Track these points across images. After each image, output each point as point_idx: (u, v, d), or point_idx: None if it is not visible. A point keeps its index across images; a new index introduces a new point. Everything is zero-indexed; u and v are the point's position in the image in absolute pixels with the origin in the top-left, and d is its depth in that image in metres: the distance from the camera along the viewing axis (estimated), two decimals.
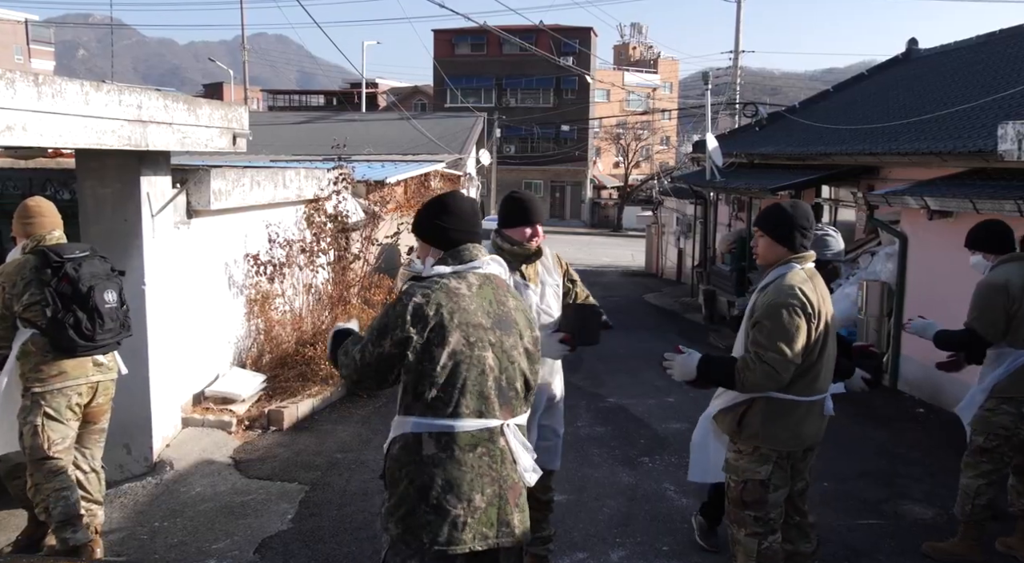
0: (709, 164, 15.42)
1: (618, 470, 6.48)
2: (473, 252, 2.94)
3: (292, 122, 32.31)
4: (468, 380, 2.76)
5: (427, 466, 2.74)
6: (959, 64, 13.78)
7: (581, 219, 55.41)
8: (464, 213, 2.99)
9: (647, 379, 9.72)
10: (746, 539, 3.82)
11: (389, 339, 2.75)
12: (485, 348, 2.80)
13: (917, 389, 9.04)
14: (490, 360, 2.81)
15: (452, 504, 2.73)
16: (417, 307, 2.75)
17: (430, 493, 2.73)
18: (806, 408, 3.73)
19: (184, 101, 5.96)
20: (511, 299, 2.97)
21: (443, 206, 3.01)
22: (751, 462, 3.78)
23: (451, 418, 2.75)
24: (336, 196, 9.74)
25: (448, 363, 2.74)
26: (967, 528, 4.76)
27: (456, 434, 2.75)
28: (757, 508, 3.78)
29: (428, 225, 3.01)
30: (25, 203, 4.64)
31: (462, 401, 2.75)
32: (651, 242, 28.52)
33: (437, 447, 2.75)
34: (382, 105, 58.23)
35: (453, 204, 3.01)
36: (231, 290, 7.88)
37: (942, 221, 8.38)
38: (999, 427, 4.57)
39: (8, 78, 4.21)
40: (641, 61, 77.50)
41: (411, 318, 2.73)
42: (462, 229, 2.96)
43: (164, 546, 4.96)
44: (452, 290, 2.80)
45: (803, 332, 3.58)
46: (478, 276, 2.90)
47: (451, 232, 2.95)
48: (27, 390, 4.36)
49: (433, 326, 2.73)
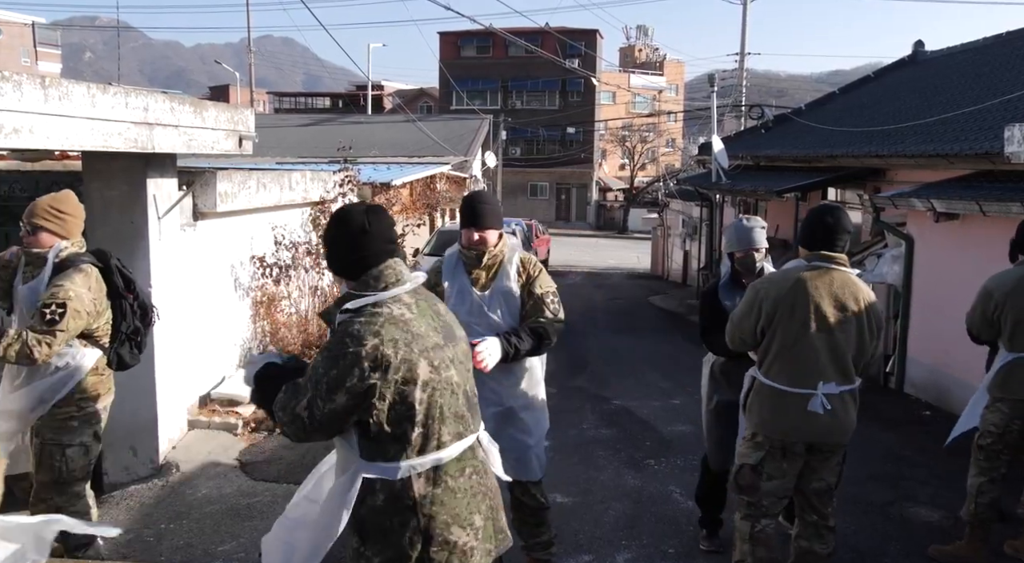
0: (715, 166, 15.41)
1: (623, 472, 6.47)
2: (398, 269, 2.63)
3: (298, 124, 32.38)
4: (444, 406, 2.56)
5: (424, 507, 2.53)
6: (966, 66, 13.75)
7: (587, 221, 55.41)
8: (370, 233, 2.61)
9: (652, 381, 9.71)
10: (740, 522, 4.02)
11: (344, 392, 2.42)
12: (449, 367, 2.59)
13: (923, 391, 9.02)
14: (455, 377, 2.62)
15: (458, 535, 2.56)
16: (373, 350, 2.42)
17: (433, 532, 2.53)
18: (792, 399, 3.83)
19: (190, 103, 5.97)
20: (440, 304, 2.79)
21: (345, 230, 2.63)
22: (747, 447, 3.99)
23: (437, 451, 2.55)
24: (342, 198, 9.75)
25: (423, 397, 2.50)
26: (973, 530, 4.75)
27: (444, 465, 2.57)
28: (749, 493, 3.95)
29: (332, 258, 2.70)
30: (72, 197, 4.20)
31: (443, 430, 2.55)
32: (656, 244, 28.52)
33: (429, 485, 2.54)
34: (388, 107, 58.30)
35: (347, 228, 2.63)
36: (237, 292, 7.89)
37: (948, 223, 8.36)
38: (990, 424, 4.68)
39: (15, 81, 4.21)
40: (647, 63, 77.43)
41: (369, 365, 2.41)
42: (375, 250, 2.62)
43: (170, 548, 4.96)
44: (398, 319, 2.51)
45: (748, 309, 3.89)
46: (411, 293, 2.63)
47: (367, 257, 2.61)
48: (80, 408, 4.11)
49: (397, 366, 2.44)
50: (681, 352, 12.65)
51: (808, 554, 4.04)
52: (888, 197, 9.42)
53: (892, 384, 9.50)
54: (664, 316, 17.45)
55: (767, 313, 3.83)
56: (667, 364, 11.28)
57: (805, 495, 4.02)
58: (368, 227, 2.60)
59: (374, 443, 2.52)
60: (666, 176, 36.29)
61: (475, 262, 4.00)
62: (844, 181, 11.93)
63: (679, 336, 14.31)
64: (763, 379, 3.91)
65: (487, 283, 4.03)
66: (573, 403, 8.51)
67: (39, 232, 4.06)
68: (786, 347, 3.82)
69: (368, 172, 13.68)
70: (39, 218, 4.05)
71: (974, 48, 14.88)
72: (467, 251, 4.01)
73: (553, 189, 55.80)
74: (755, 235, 4.59)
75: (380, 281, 2.58)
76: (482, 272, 4.03)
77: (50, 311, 3.84)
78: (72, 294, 3.91)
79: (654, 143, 59.81)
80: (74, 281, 3.95)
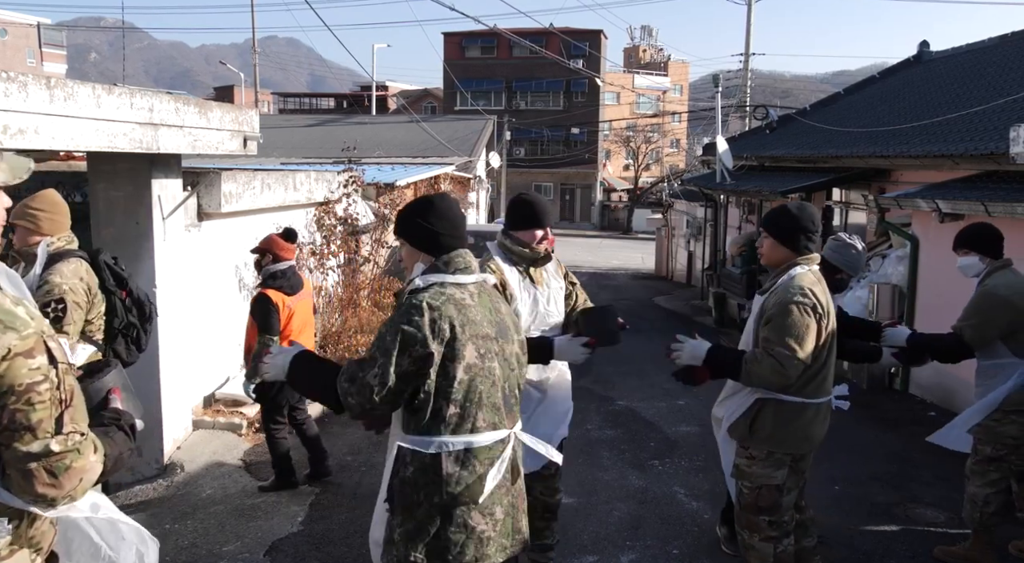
0: (719, 167, 15.38)
1: (628, 473, 6.47)
2: (468, 259, 2.81)
3: (303, 125, 32.40)
4: (483, 393, 2.68)
5: (449, 486, 2.64)
6: (971, 66, 13.72)
7: (591, 222, 55.37)
8: (456, 217, 2.84)
9: (657, 382, 9.70)
10: (761, 544, 3.83)
11: (408, 357, 2.58)
12: (493, 359, 2.72)
13: (928, 392, 8.99)
14: (497, 371, 2.73)
15: (477, 521, 2.67)
16: (432, 322, 2.59)
17: (454, 512, 2.65)
18: (815, 410, 3.76)
19: (195, 104, 5.98)
20: (503, 304, 2.92)
21: (434, 208, 2.82)
22: (766, 467, 3.79)
23: (470, 434, 2.66)
24: (346, 199, 9.76)
25: (464, 378, 2.63)
26: (978, 532, 4.74)
27: (475, 450, 2.67)
28: (772, 513, 3.80)
29: (418, 228, 2.82)
30: (49, 194, 4.17)
31: (479, 415, 2.67)
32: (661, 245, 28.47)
33: (457, 465, 2.65)
34: (392, 108, 58.39)
35: (444, 207, 2.84)
36: (241, 292, 7.90)
37: (953, 224, 8.33)
38: (1007, 437, 4.51)
39: (21, 81, 4.22)
40: (651, 64, 77.42)
41: (429, 334, 2.58)
42: (455, 234, 2.82)
43: (175, 548, 4.97)
44: (459, 301, 2.67)
45: (813, 332, 3.59)
46: (476, 284, 2.80)
47: (443, 237, 2.79)
48: None
49: (448, 340, 2.60)
50: None
51: (799, 551, 4.03)
52: (893, 197, 9.40)
53: (897, 385, 9.48)
54: (669, 316, 17.42)
55: (823, 328, 3.66)
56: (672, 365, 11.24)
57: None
58: (458, 214, 2.84)
59: (414, 415, 2.66)
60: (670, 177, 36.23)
61: (533, 261, 3.98)
62: (849, 181, 11.91)
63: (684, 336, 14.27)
64: (786, 397, 3.70)
65: (541, 281, 4.05)
66: (578, 403, 8.38)
67: (15, 230, 4.07)
68: (821, 360, 3.70)
69: (372, 172, 13.68)
70: (13, 217, 4.02)
71: (979, 48, 14.84)
72: (525, 250, 3.94)
73: (557, 189, 55.75)
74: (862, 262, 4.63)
75: (450, 266, 2.75)
76: (539, 271, 4.03)
77: (52, 309, 3.86)
78: (67, 287, 3.94)
79: (658, 144, 59.78)
80: (63, 274, 3.97)
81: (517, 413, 2.90)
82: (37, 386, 1.83)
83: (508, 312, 2.92)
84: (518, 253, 3.95)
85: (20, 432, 1.82)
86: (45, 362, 1.86)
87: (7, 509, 1.89)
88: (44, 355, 1.86)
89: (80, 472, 1.91)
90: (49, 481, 1.86)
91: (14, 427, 1.82)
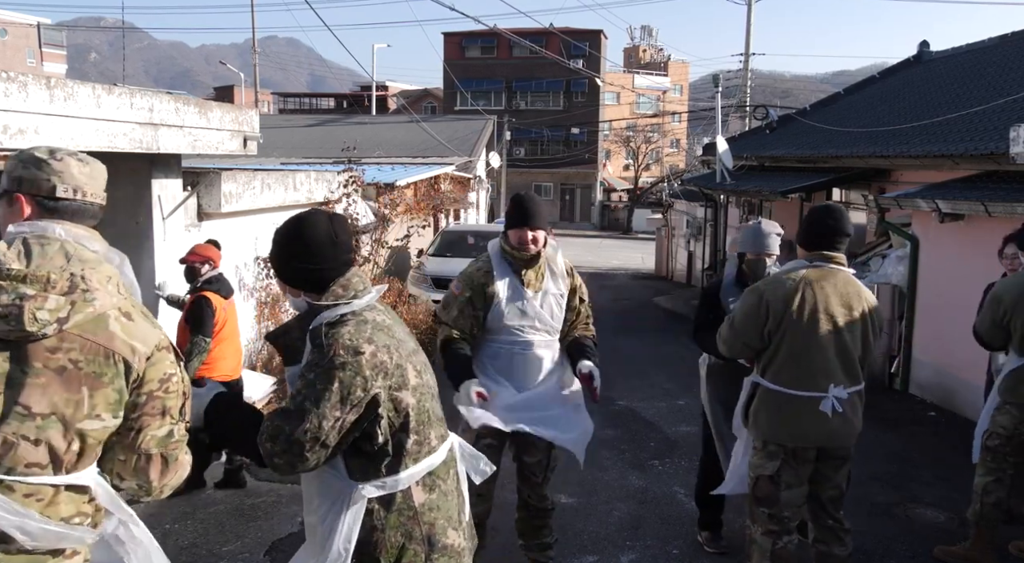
0: (719, 167, 15.39)
1: (628, 473, 6.47)
2: (362, 277, 2.54)
3: (303, 125, 32.39)
4: (430, 410, 2.51)
5: (425, 516, 2.47)
6: (971, 66, 13.73)
7: (591, 222, 55.39)
8: (328, 240, 2.47)
9: (657, 382, 9.70)
10: (762, 538, 3.87)
11: (350, 406, 2.29)
12: (426, 371, 2.55)
13: (929, 392, 9.00)
14: (432, 381, 2.59)
15: (453, 538, 2.55)
16: (372, 357, 2.32)
17: (434, 539, 2.49)
18: (802, 403, 3.77)
19: (195, 104, 5.99)
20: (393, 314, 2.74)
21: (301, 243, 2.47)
22: (761, 458, 3.88)
23: (429, 457, 2.49)
24: (346, 199, 9.77)
25: (413, 402, 2.43)
26: (979, 531, 4.74)
27: (436, 469, 2.52)
28: (769, 504, 3.84)
29: (297, 272, 2.49)
30: None
31: (431, 434, 2.50)
32: (661, 245, 28.49)
33: (426, 491, 2.48)
34: (392, 108, 58.38)
35: (311, 236, 2.46)
36: (242, 292, 7.90)
37: (953, 224, 8.35)
38: (999, 426, 4.63)
39: (20, 81, 4.23)
40: (651, 64, 77.44)
41: (371, 373, 2.31)
42: (339, 258, 2.49)
43: (175, 548, 4.97)
44: (380, 325, 2.43)
45: (753, 312, 3.82)
46: (378, 299, 2.57)
47: (326, 271, 2.46)
48: None
49: (392, 371, 2.37)
50: (686, 353, 12.63)
51: (829, 557, 4.02)
52: (893, 197, 9.41)
53: (897, 385, 9.48)
54: (669, 317, 17.43)
55: (775, 315, 3.75)
56: (672, 365, 11.27)
57: (820, 502, 3.99)
58: (336, 237, 2.48)
59: (369, 459, 2.40)
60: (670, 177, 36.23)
61: (526, 263, 3.97)
62: (849, 181, 11.92)
63: (684, 337, 14.26)
64: (769, 385, 3.82)
65: (537, 284, 4.02)
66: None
67: None
68: (795, 349, 3.75)
69: (372, 172, 13.68)
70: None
71: (979, 48, 14.85)
72: (517, 251, 3.94)
73: (557, 190, 55.77)
74: (771, 241, 4.55)
75: (349, 290, 2.46)
76: (532, 273, 4.01)
77: None
78: None
79: (658, 144, 59.81)
80: None
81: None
82: (172, 376, 2.09)
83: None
84: (510, 253, 3.96)
85: (156, 416, 2.06)
86: (174, 356, 2.12)
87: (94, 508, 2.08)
88: (172, 351, 2.13)
89: (180, 466, 2.16)
90: (161, 469, 2.10)
91: (153, 412, 2.06)
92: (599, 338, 4.33)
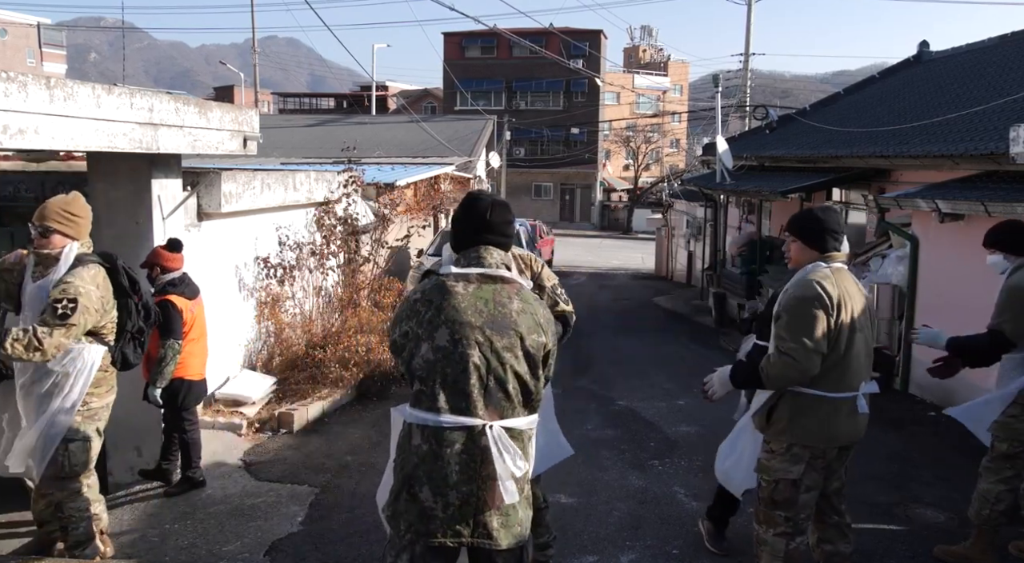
0: (719, 167, 15.38)
1: (628, 473, 6.47)
2: (482, 253, 2.98)
3: (303, 125, 32.37)
4: (449, 376, 2.80)
5: (413, 456, 2.83)
6: (971, 66, 13.73)
7: (591, 222, 55.37)
8: (473, 217, 3.04)
9: (657, 382, 9.70)
10: (774, 539, 3.85)
11: (397, 331, 2.92)
12: (471, 346, 2.81)
13: (928, 392, 8.99)
14: (475, 358, 2.81)
15: (426, 497, 2.79)
16: (414, 302, 2.91)
17: (412, 482, 2.82)
18: (834, 405, 3.75)
19: (195, 104, 5.98)
20: (516, 302, 2.92)
21: (461, 211, 3.09)
22: (783, 462, 3.82)
23: (432, 412, 2.81)
24: (346, 199, 9.76)
25: (430, 357, 2.82)
26: (980, 532, 4.73)
27: (437, 429, 2.80)
28: (787, 508, 3.82)
29: (453, 228, 3.14)
30: (78, 197, 4.27)
31: (441, 396, 2.80)
32: (661, 245, 28.50)
33: (422, 439, 2.82)
34: (392, 108, 58.39)
35: (465, 207, 3.09)
36: (241, 292, 7.90)
37: (953, 224, 8.34)
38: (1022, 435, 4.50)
39: (20, 81, 4.23)
40: (651, 64, 77.45)
41: (409, 312, 2.90)
42: (469, 232, 3.04)
43: (175, 548, 4.97)
44: (447, 288, 2.89)
45: (821, 322, 3.65)
46: (482, 277, 2.94)
47: (459, 235, 3.06)
48: (84, 403, 4.17)
49: (422, 320, 2.85)
50: (686, 353, 12.65)
51: (835, 556, 4.02)
52: (893, 197, 9.40)
53: (897, 385, 9.48)
54: (669, 317, 17.44)
55: (831, 320, 3.67)
56: (672, 365, 11.27)
57: (827, 497, 3.98)
58: (478, 214, 3.03)
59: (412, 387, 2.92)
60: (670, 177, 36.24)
61: None
62: (849, 181, 11.92)
63: (684, 337, 14.30)
64: (804, 390, 3.74)
65: None
66: (578, 404, 8.50)
67: (51, 234, 4.13)
68: (838, 352, 3.71)
69: (372, 172, 13.68)
70: (51, 221, 4.12)
71: (979, 48, 14.85)
72: None
73: (557, 189, 55.76)
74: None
75: (465, 260, 2.98)
76: None
77: (62, 305, 3.91)
78: (82, 290, 3.99)
79: (658, 144, 59.80)
80: (83, 278, 4.03)
81: (507, 409, 2.85)
82: None
83: (525, 311, 2.92)
84: None
85: None
86: None
87: None
88: None
89: None
90: None
91: None
92: (599, 338, 4.34)
